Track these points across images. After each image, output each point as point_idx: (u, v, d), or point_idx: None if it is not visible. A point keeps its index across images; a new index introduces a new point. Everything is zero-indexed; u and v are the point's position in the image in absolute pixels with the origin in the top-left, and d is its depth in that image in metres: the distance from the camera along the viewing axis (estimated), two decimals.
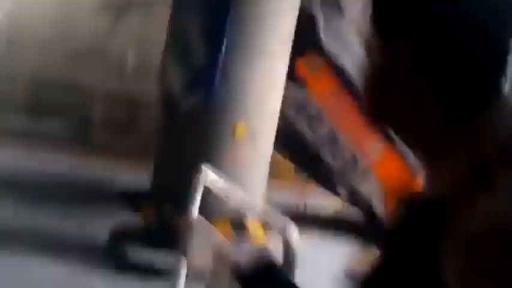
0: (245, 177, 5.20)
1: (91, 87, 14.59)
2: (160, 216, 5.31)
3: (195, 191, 3.90)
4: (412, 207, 0.93)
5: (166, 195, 5.39)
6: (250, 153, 5.43)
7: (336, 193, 6.36)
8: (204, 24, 5.27)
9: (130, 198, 7.07)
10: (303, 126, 6.44)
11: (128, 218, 5.93)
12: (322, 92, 6.55)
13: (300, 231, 3.05)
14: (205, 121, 5.29)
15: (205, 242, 3.70)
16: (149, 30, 15.37)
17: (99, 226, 6.00)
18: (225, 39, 5.13)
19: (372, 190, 6.09)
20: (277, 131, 5.38)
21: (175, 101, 5.46)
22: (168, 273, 4.99)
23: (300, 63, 6.38)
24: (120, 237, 5.59)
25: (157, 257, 5.17)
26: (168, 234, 5.21)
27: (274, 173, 5.88)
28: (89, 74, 14.72)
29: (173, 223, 5.22)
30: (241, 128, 5.30)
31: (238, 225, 5.20)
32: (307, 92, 6.42)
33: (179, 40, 5.46)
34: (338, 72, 6.37)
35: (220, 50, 5.16)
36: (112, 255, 5.40)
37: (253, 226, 5.33)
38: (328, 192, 6.64)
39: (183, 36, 5.41)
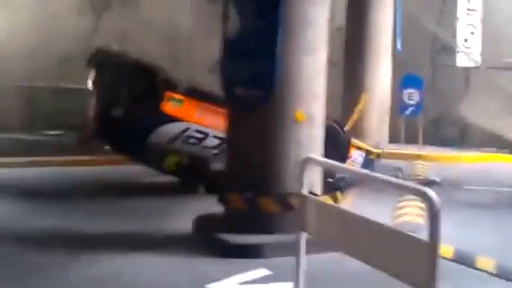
0: (307, 155, 5.90)
1: (80, 88, 15.04)
2: (247, 202, 5.98)
3: (302, 173, 4.59)
4: None
5: (244, 181, 6.08)
6: (309, 134, 6.16)
7: None
8: (260, 26, 5.92)
9: (209, 188, 7.80)
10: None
11: (209, 206, 6.65)
12: (193, 114, 8.08)
13: None
14: (269, 110, 5.98)
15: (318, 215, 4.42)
16: (129, 26, 15.94)
17: (184, 217, 6.70)
18: (278, 41, 5.82)
19: None
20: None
21: (238, 95, 6.12)
22: (263, 252, 5.73)
23: (164, 105, 7.87)
24: (206, 224, 6.29)
25: (248, 239, 5.87)
26: (256, 217, 5.94)
27: None
28: (77, 76, 15.18)
29: (261, 206, 5.94)
30: (300, 113, 6.02)
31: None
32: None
33: (237, 40, 6.10)
34: (192, 93, 8.22)
35: (276, 47, 5.84)
36: (205, 240, 6.09)
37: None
38: None
39: (240, 37, 6.06)
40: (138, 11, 16.11)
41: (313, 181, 5.98)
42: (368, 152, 9.58)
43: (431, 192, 3.47)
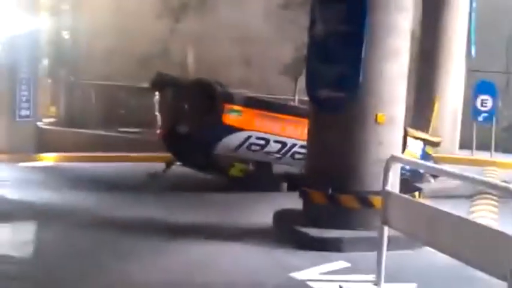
0: (387, 155, 6.11)
1: None
2: (328, 198, 6.25)
3: (387, 171, 4.84)
4: None
5: (325, 179, 6.34)
6: (390, 135, 6.39)
7: None
8: (345, 32, 6.21)
9: (289, 184, 8.15)
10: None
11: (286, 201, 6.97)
12: (252, 123, 8.44)
13: None
14: (353, 112, 6.24)
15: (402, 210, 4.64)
16: (205, 29, 16.45)
17: (266, 211, 7.04)
18: (364, 42, 6.07)
19: None
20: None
21: (323, 98, 6.41)
22: (343, 245, 5.98)
23: (224, 117, 8.21)
24: (286, 218, 6.60)
25: (328, 233, 6.13)
26: (336, 213, 6.19)
27: None
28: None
29: (342, 203, 6.20)
30: (381, 116, 6.25)
31: None
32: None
33: (323, 45, 6.41)
34: (249, 103, 8.63)
35: (361, 52, 6.09)
36: (285, 234, 6.39)
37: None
38: None
39: (325, 42, 6.36)
40: (214, 15, 16.60)
41: (393, 180, 6.21)
42: (425, 142, 9.65)
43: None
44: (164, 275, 5.20)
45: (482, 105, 13.36)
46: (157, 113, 9.33)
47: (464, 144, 13.62)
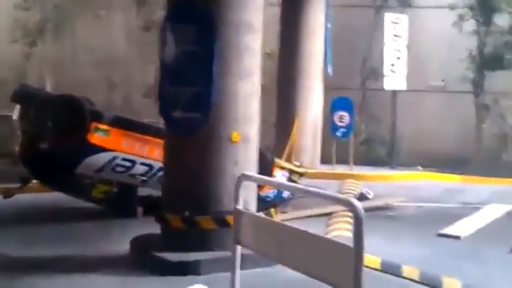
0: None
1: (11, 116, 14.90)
2: (185, 221, 6.17)
3: (238, 189, 4.84)
4: None
5: (182, 201, 6.27)
6: (245, 154, 6.44)
7: None
8: (195, 53, 6.20)
9: (145, 209, 7.94)
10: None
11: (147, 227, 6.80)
12: (120, 143, 8.24)
13: None
14: (207, 132, 6.23)
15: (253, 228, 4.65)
16: (64, 51, 15.96)
17: (122, 239, 6.81)
18: (214, 66, 6.12)
19: None
20: None
21: (176, 118, 6.35)
22: (201, 268, 5.92)
23: (90, 135, 7.99)
24: (143, 245, 6.44)
25: (185, 256, 6.04)
26: (194, 235, 6.12)
27: None
28: (9, 103, 15.01)
29: (199, 225, 6.14)
30: (236, 135, 6.30)
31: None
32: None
33: (174, 67, 6.35)
34: (118, 123, 8.33)
35: (211, 73, 6.12)
36: (143, 260, 6.23)
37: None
38: None
39: (176, 64, 6.31)
40: (73, 37, 16.16)
41: (248, 198, 6.26)
42: (291, 172, 9.92)
43: (355, 202, 3.78)
44: None
45: (340, 121, 13.94)
46: (17, 123, 8.74)
47: (327, 159, 14.14)
